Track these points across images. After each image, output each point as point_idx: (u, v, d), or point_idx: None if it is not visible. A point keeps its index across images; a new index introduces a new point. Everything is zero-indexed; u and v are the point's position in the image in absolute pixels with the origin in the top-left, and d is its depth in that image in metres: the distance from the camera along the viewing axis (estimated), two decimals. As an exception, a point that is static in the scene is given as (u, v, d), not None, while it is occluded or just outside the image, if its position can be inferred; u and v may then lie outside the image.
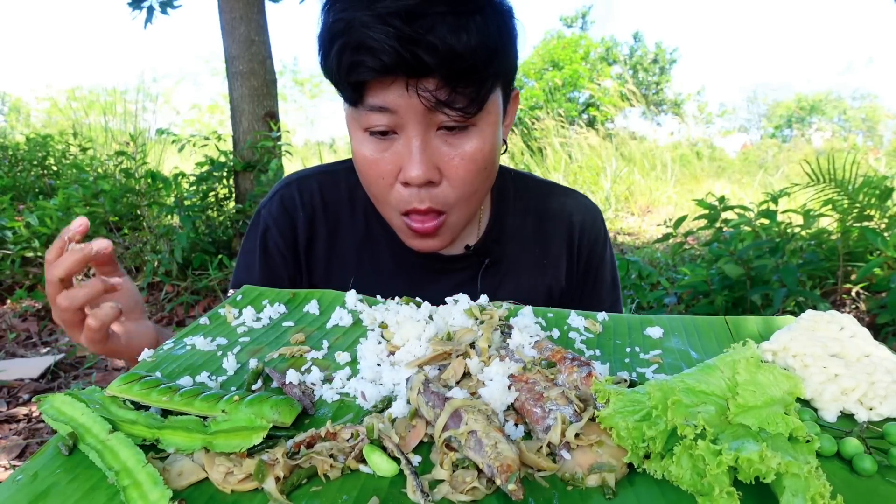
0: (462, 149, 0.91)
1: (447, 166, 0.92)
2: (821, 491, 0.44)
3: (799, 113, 18.08)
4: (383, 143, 0.91)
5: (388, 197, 0.96)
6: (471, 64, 0.82)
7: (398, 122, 0.88)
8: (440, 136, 0.90)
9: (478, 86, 0.85)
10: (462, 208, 0.98)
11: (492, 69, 0.86)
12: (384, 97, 0.86)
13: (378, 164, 0.93)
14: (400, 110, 0.86)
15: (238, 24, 4.40)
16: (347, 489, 0.50)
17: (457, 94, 0.85)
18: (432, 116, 0.87)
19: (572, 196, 1.24)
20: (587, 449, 0.53)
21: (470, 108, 0.86)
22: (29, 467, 0.53)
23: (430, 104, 0.84)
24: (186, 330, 0.80)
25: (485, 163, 0.94)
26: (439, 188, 0.94)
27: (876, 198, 2.99)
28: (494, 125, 0.94)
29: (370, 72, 0.83)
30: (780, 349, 0.69)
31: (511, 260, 1.16)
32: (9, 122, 10.88)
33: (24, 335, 3.51)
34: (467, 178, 0.93)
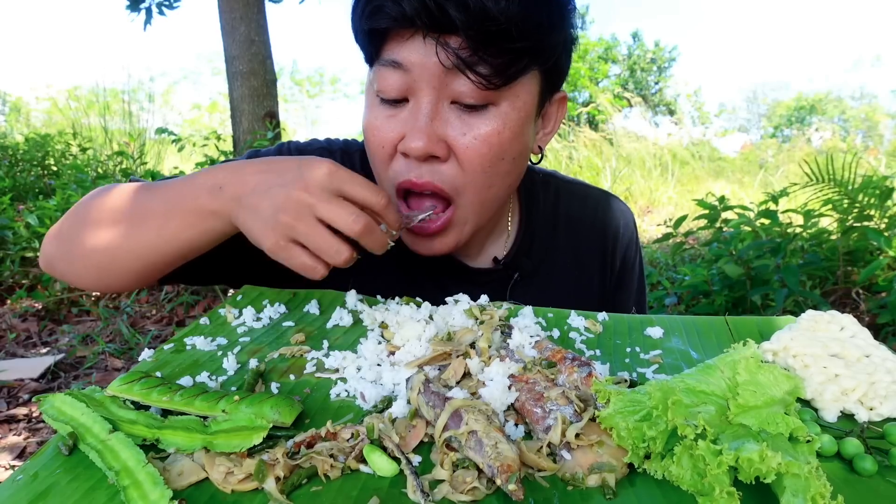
0: (476, 127, 0.81)
1: (457, 143, 0.82)
2: (821, 491, 0.44)
3: (799, 113, 18.08)
4: (392, 109, 0.84)
5: (387, 170, 0.87)
6: (504, 30, 0.74)
7: (411, 85, 0.80)
8: (454, 109, 0.82)
9: (507, 57, 0.77)
10: (473, 202, 0.87)
11: (528, 45, 0.78)
12: (399, 51, 0.78)
13: (381, 129, 0.84)
14: (414, 69, 0.78)
15: (238, 24, 4.41)
16: (347, 489, 0.50)
17: (480, 60, 0.76)
18: (449, 82, 0.79)
19: (605, 200, 1.16)
20: (587, 449, 0.53)
21: (494, 79, 0.77)
22: (29, 467, 0.53)
23: (449, 63, 0.76)
24: (186, 330, 0.80)
25: (502, 151, 0.84)
26: (444, 166, 0.84)
27: (876, 198, 2.99)
28: (522, 113, 0.84)
29: (388, 19, 0.76)
30: (781, 349, 0.69)
31: (543, 274, 1.08)
32: (9, 122, 10.88)
33: (24, 335, 3.51)
34: (479, 162, 0.83)
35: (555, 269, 1.09)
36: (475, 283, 1.02)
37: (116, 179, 5.19)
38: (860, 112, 17.02)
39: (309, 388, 0.67)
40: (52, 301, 3.74)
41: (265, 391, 0.66)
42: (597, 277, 1.13)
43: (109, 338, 3.44)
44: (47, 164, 6.14)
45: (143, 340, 3.33)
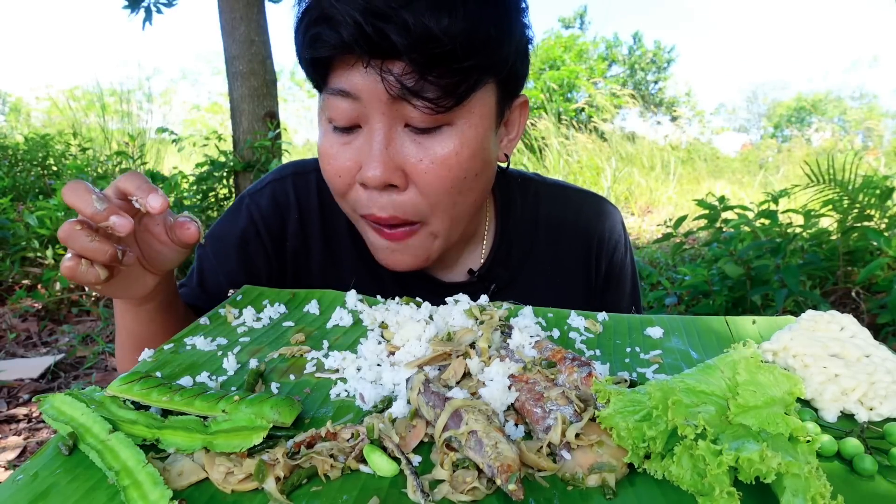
0: (432, 150, 0.78)
1: (414, 170, 0.79)
2: (821, 491, 0.44)
3: (798, 113, 18.08)
4: (346, 136, 0.81)
5: (347, 197, 0.85)
6: (449, 50, 0.71)
7: (362, 113, 0.78)
8: (408, 133, 0.79)
9: (456, 77, 0.73)
10: (440, 223, 0.85)
11: (478, 61, 0.74)
12: (346, 79, 0.75)
13: (336, 159, 0.82)
14: (363, 96, 0.76)
15: (238, 24, 4.41)
16: (347, 489, 0.50)
17: (427, 84, 0.73)
18: (398, 108, 0.76)
19: (587, 200, 1.11)
20: (587, 449, 0.53)
21: (442, 102, 0.74)
22: (29, 467, 0.53)
23: (394, 91, 0.73)
24: (186, 330, 0.80)
25: (462, 171, 0.80)
26: (405, 195, 0.81)
27: (876, 198, 2.99)
28: (479, 129, 0.81)
29: (328, 47, 0.73)
30: (781, 349, 0.69)
31: (521, 283, 1.04)
32: (9, 122, 10.88)
33: (24, 335, 3.51)
34: (438, 186, 0.80)
35: (534, 276, 1.05)
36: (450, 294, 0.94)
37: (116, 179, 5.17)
38: (860, 112, 17.02)
39: (309, 388, 0.67)
40: (52, 301, 3.74)
41: (265, 391, 0.66)
42: (581, 282, 1.09)
43: (109, 338, 3.44)
44: (47, 164, 6.14)
45: (143, 340, 3.32)
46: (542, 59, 13.06)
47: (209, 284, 1.02)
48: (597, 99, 10.38)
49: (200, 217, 4.66)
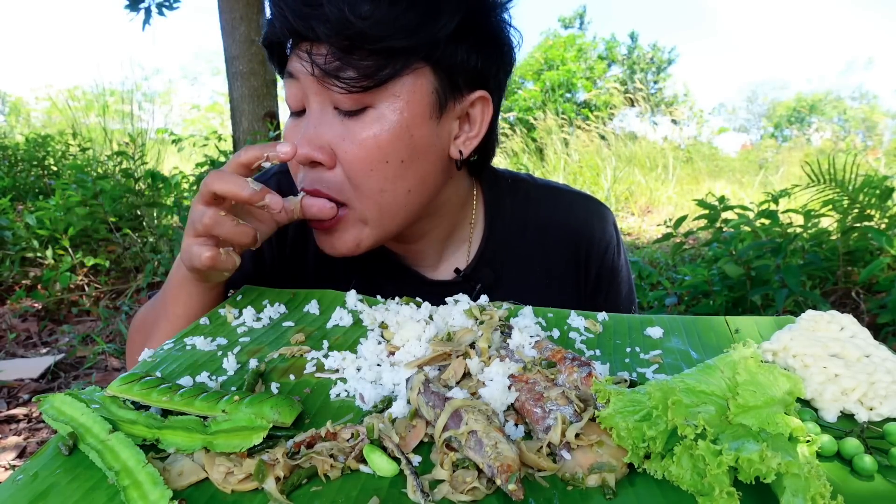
0: (353, 132, 0.81)
1: (338, 150, 0.83)
2: (821, 491, 0.44)
3: (798, 113, 18.08)
4: (297, 120, 0.87)
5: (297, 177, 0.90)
6: (365, 34, 0.75)
7: (304, 95, 0.84)
8: (336, 115, 0.83)
9: (375, 59, 0.77)
10: (369, 206, 0.86)
11: (396, 43, 0.77)
12: (291, 63, 0.84)
13: (287, 139, 0.87)
14: (301, 77, 0.82)
15: (238, 24, 4.41)
16: (347, 489, 0.50)
17: (347, 67, 0.78)
18: (327, 91, 0.80)
19: (577, 201, 1.10)
20: (587, 449, 0.53)
21: (359, 82, 0.78)
22: (29, 467, 0.53)
23: (318, 72, 0.78)
24: (186, 330, 0.80)
25: (381, 154, 0.82)
26: (331, 174, 0.84)
27: (876, 198, 2.99)
28: (404, 114, 0.81)
29: (271, 34, 0.83)
30: (781, 349, 0.69)
31: (509, 284, 1.04)
32: (9, 122, 10.88)
33: (24, 335, 3.51)
34: (359, 167, 0.82)
35: (522, 278, 1.05)
36: (435, 295, 0.93)
37: (116, 180, 5.19)
38: (860, 112, 17.02)
39: (309, 388, 0.67)
40: (52, 301, 3.74)
41: (265, 391, 0.66)
42: (571, 285, 1.08)
43: (109, 338, 3.44)
44: (47, 164, 6.14)
45: (142, 340, 3.32)
46: (540, 61, 13.06)
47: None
48: (596, 99, 10.39)
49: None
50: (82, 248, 4.15)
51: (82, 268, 4.04)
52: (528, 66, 12.96)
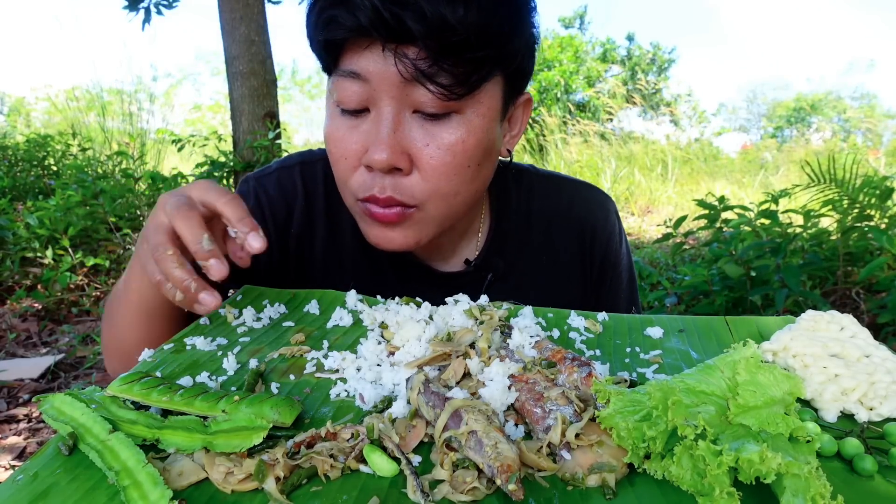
0: (439, 137, 0.80)
1: (419, 155, 0.80)
2: (821, 491, 0.44)
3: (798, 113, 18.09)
4: (353, 120, 0.82)
5: (350, 180, 0.85)
6: (463, 39, 0.73)
7: (371, 96, 0.79)
8: (416, 119, 0.80)
9: (468, 66, 0.76)
10: (437, 207, 0.85)
11: (489, 54, 0.77)
12: (357, 61, 0.77)
13: (343, 141, 0.83)
14: (373, 79, 0.77)
15: (238, 24, 4.41)
16: (347, 489, 0.50)
17: (441, 70, 0.75)
18: (409, 93, 0.77)
19: (580, 191, 1.12)
20: (587, 449, 0.53)
21: (455, 89, 0.76)
22: (29, 467, 0.53)
23: (408, 74, 0.74)
24: (186, 330, 0.80)
25: (467, 159, 0.82)
26: (407, 179, 0.82)
27: (876, 198, 2.99)
28: (486, 119, 0.82)
29: (344, 29, 0.75)
30: (781, 349, 0.69)
31: (517, 274, 1.05)
32: (9, 122, 10.88)
33: (24, 335, 3.51)
34: (443, 171, 0.81)
35: (530, 267, 1.06)
36: (446, 287, 0.95)
37: (116, 179, 5.19)
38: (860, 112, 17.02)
39: (309, 388, 0.67)
40: (52, 301, 3.74)
41: (265, 391, 0.66)
42: (577, 273, 1.09)
43: (109, 338, 3.43)
44: (47, 165, 6.14)
45: (142, 340, 3.32)
46: (538, 62, 13.00)
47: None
48: (594, 100, 10.39)
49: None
50: (82, 248, 4.15)
51: (82, 268, 4.04)
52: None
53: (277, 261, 1.04)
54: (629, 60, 14.94)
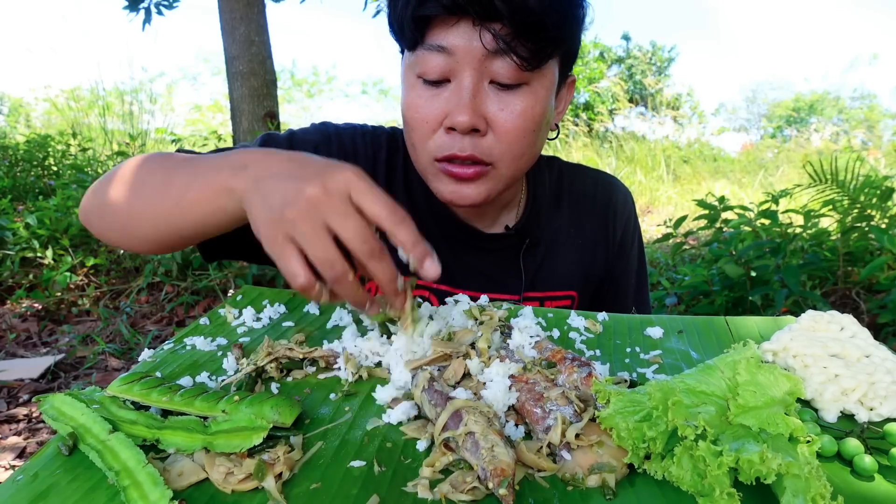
0: (512, 104, 0.91)
1: (495, 119, 0.91)
2: (821, 491, 0.44)
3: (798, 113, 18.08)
4: (434, 89, 0.91)
5: (427, 142, 0.94)
6: (540, 20, 0.84)
7: (453, 67, 0.88)
8: (492, 89, 0.90)
9: (541, 44, 0.86)
10: (508, 166, 0.95)
11: (557, 34, 0.88)
12: (445, 36, 0.87)
13: (425, 107, 0.92)
14: (458, 52, 0.87)
15: (238, 24, 4.41)
16: (347, 488, 0.50)
17: (520, 45, 0.85)
18: (488, 65, 0.87)
19: (604, 178, 1.26)
20: (587, 449, 0.53)
21: (531, 61, 0.87)
22: (29, 467, 0.53)
23: (491, 47, 0.85)
24: (186, 330, 0.80)
25: (535, 124, 0.93)
26: (484, 140, 0.92)
27: (877, 198, 2.99)
28: (547, 91, 0.94)
29: (439, 7, 0.84)
30: (781, 349, 0.69)
31: (549, 241, 1.17)
32: (9, 122, 10.87)
33: (24, 335, 3.51)
34: (515, 134, 0.92)
35: (560, 238, 1.18)
36: (487, 248, 1.12)
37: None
38: (859, 112, 17.00)
39: (309, 388, 0.67)
40: (52, 301, 3.74)
41: (265, 391, 0.66)
42: (601, 247, 1.21)
43: (109, 338, 3.44)
44: (47, 165, 6.13)
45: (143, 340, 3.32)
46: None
47: None
48: (594, 100, 10.39)
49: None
50: (82, 248, 4.15)
51: (82, 268, 4.04)
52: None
53: None
54: (627, 60, 14.92)
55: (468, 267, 1.11)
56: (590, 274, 1.19)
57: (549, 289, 1.16)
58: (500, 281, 1.13)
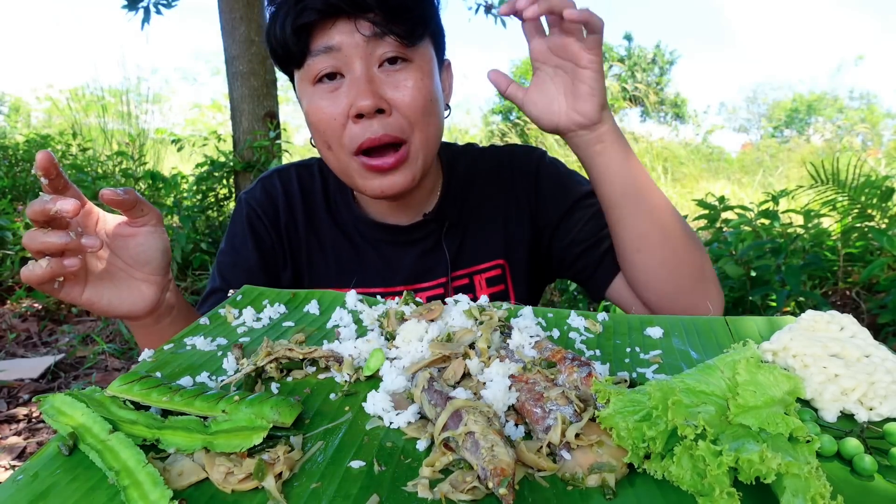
0: (405, 81, 0.99)
1: (394, 98, 0.99)
2: (821, 491, 0.44)
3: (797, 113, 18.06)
4: (331, 86, 0.99)
5: (343, 139, 1.01)
6: (403, 3, 0.96)
7: (343, 61, 0.97)
8: (383, 71, 0.99)
9: (411, 24, 0.97)
10: (421, 139, 1.03)
11: (422, 13, 0.99)
12: (328, 37, 0.96)
13: (328, 107, 0.99)
14: (343, 47, 0.96)
15: (238, 24, 4.40)
16: (347, 488, 0.50)
17: (394, 25, 0.96)
18: (373, 49, 0.97)
19: (510, 150, 1.30)
20: (587, 449, 0.53)
21: (408, 37, 0.97)
22: (29, 467, 0.53)
23: (371, 33, 0.95)
24: (186, 330, 0.80)
25: (429, 94, 1.02)
26: (391, 118, 0.99)
27: (877, 198, 2.99)
28: (430, 66, 1.03)
29: (314, 12, 0.93)
30: (781, 349, 0.69)
31: (466, 220, 1.22)
32: (9, 122, 10.86)
33: (24, 335, 3.51)
34: (415, 105, 1.00)
35: (476, 215, 1.23)
36: (411, 241, 1.20)
37: (116, 179, 5.19)
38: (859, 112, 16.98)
39: (309, 388, 0.67)
40: (52, 301, 3.74)
41: (265, 391, 0.66)
42: (523, 213, 1.24)
43: (109, 338, 3.44)
44: (47, 165, 6.11)
45: (142, 340, 3.32)
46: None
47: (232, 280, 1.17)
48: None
49: (200, 217, 4.66)
50: (82, 248, 4.14)
51: (82, 268, 4.03)
52: (528, 66, 12.94)
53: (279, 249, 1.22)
54: (628, 60, 14.91)
55: (396, 263, 1.19)
56: (514, 240, 1.23)
57: (475, 263, 1.21)
58: (429, 268, 1.19)
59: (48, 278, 0.80)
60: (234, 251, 1.21)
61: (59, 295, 0.85)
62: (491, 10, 5.20)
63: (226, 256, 1.22)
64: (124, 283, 0.91)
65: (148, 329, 0.98)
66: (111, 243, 0.90)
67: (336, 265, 1.19)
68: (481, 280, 1.21)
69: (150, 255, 0.91)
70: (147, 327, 0.97)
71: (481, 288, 1.21)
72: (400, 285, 1.18)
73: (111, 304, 0.90)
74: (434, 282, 1.19)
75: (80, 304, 0.88)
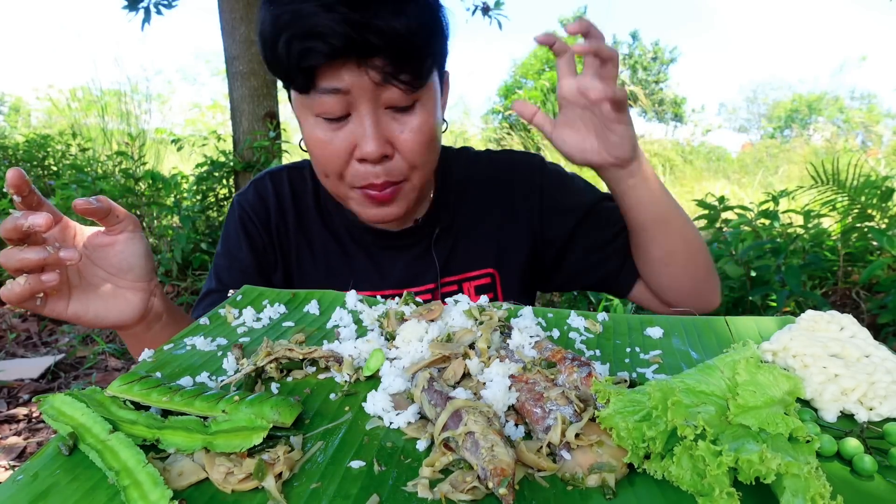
0: (411, 124, 0.98)
1: (398, 140, 0.99)
2: (821, 491, 0.44)
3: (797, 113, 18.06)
4: (336, 124, 0.98)
5: (343, 174, 1.02)
6: (413, 44, 0.91)
7: (350, 103, 0.95)
8: (389, 114, 0.97)
9: (419, 63, 0.94)
10: (417, 177, 1.05)
11: (430, 49, 0.96)
12: (336, 79, 0.92)
13: (332, 143, 0.98)
14: (352, 90, 0.93)
15: (238, 25, 4.40)
16: (347, 488, 0.50)
17: (402, 70, 0.92)
18: (381, 94, 0.94)
19: (507, 159, 1.29)
20: (587, 449, 0.53)
21: (415, 83, 0.94)
22: (29, 467, 0.53)
23: (379, 79, 0.92)
24: (186, 330, 0.80)
25: (431, 135, 1.02)
26: (393, 162, 1.00)
27: (877, 198, 2.99)
28: (435, 101, 1.03)
29: (322, 56, 0.89)
30: (780, 349, 0.69)
31: (458, 227, 1.22)
32: (9, 122, 10.86)
33: (24, 335, 3.51)
34: (417, 150, 1.00)
35: (468, 222, 1.23)
36: (401, 246, 1.20)
37: (116, 179, 5.18)
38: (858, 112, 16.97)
39: (309, 388, 0.67)
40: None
41: (265, 391, 0.66)
42: (521, 225, 1.23)
43: (109, 338, 3.44)
44: (47, 165, 6.13)
45: (142, 340, 3.32)
46: (542, 60, 13.07)
47: (228, 282, 1.18)
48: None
49: (200, 217, 4.66)
50: (82, 248, 4.14)
51: (82, 268, 4.03)
52: (529, 66, 12.95)
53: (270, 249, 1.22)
54: (630, 58, 14.91)
55: (385, 268, 1.19)
56: (507, 250, 1.22)
57: (465, 270, 1.21)
58: (419, 273, 1.20)
59: (28, 295, 0.79)
60: (229, 253, 1.22)
61: (43, 311, 0.84)
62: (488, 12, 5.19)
63: (221, 259, 1.23)
64: (109, 293, 0.92)
65: (139, 337, 0.98)
66: (91, 254, 0.90)
67: (325, 268, 1.20)
68: (470, 288, 1.21)
69: (132, 262, 0.92)
70: (138, 335, 0.98)
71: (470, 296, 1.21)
72: (392, 288, 1.18)
73: (98, 316, 0.90)
74: (423, 287, 1.19)
75: (66, 318, 0.87)
